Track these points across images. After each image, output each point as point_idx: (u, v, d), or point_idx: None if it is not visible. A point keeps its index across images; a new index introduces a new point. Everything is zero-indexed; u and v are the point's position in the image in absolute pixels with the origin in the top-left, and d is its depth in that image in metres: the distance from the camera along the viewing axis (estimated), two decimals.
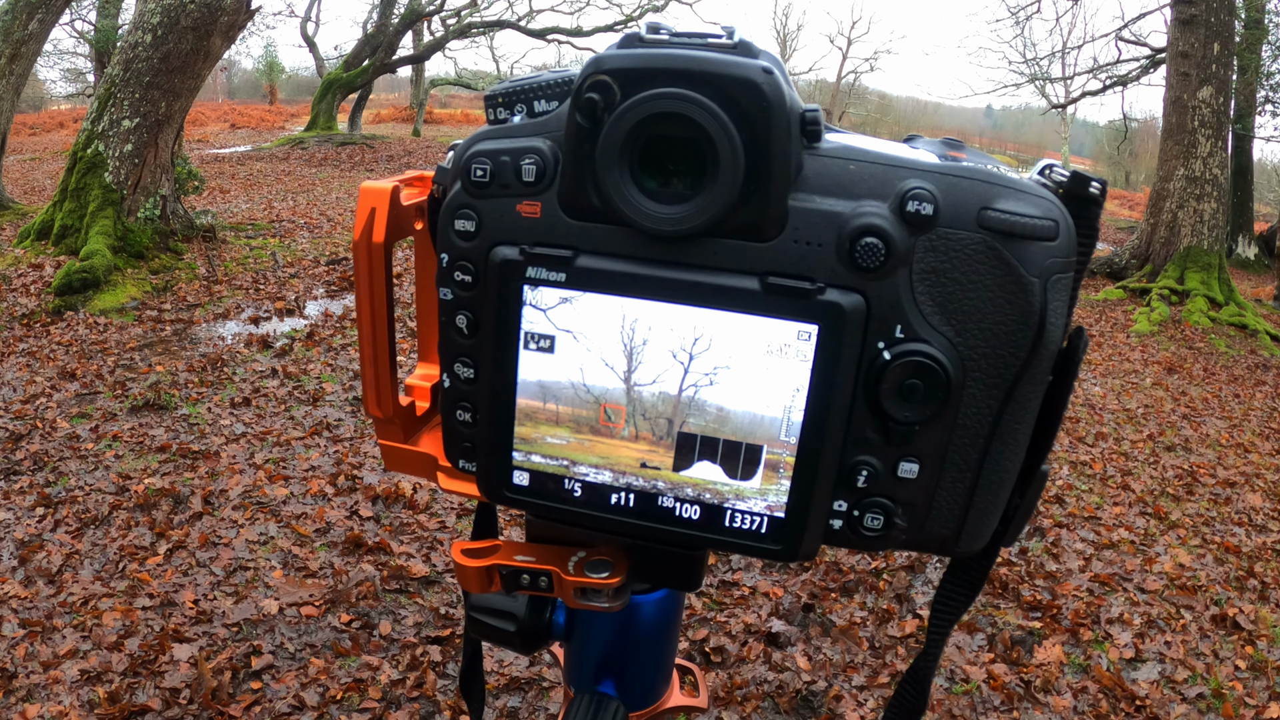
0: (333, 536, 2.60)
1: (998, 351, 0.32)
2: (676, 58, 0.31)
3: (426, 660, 2.08)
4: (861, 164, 0.32)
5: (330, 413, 3.51)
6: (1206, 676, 2.32)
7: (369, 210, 0.40)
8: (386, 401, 0.43)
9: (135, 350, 4.11)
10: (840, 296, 0.32)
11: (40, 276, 4.93)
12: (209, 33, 5.29)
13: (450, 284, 0.36)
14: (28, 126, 18.29)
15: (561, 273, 0.34)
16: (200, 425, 3.31)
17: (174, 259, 5.47)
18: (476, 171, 0.35)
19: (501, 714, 1.94)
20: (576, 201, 0.34)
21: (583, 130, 0.33)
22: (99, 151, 5.34)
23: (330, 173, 11.34)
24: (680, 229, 0.33)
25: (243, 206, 8.23)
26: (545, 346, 0.35)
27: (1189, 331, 6.89)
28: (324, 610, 2.25)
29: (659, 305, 0.34)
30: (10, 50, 6.89)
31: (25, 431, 3.14)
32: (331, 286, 5.45)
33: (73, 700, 1.85)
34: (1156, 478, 3.74)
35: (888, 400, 0.33)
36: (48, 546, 2.44)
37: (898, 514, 0.35)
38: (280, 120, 22.70)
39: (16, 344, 4.06)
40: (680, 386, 0.35)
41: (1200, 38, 7.98)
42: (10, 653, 1.98)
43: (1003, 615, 2.50)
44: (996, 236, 0.31)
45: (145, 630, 2.10)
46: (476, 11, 18.30)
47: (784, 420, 0.34)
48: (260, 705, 1.90)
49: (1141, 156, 25.32)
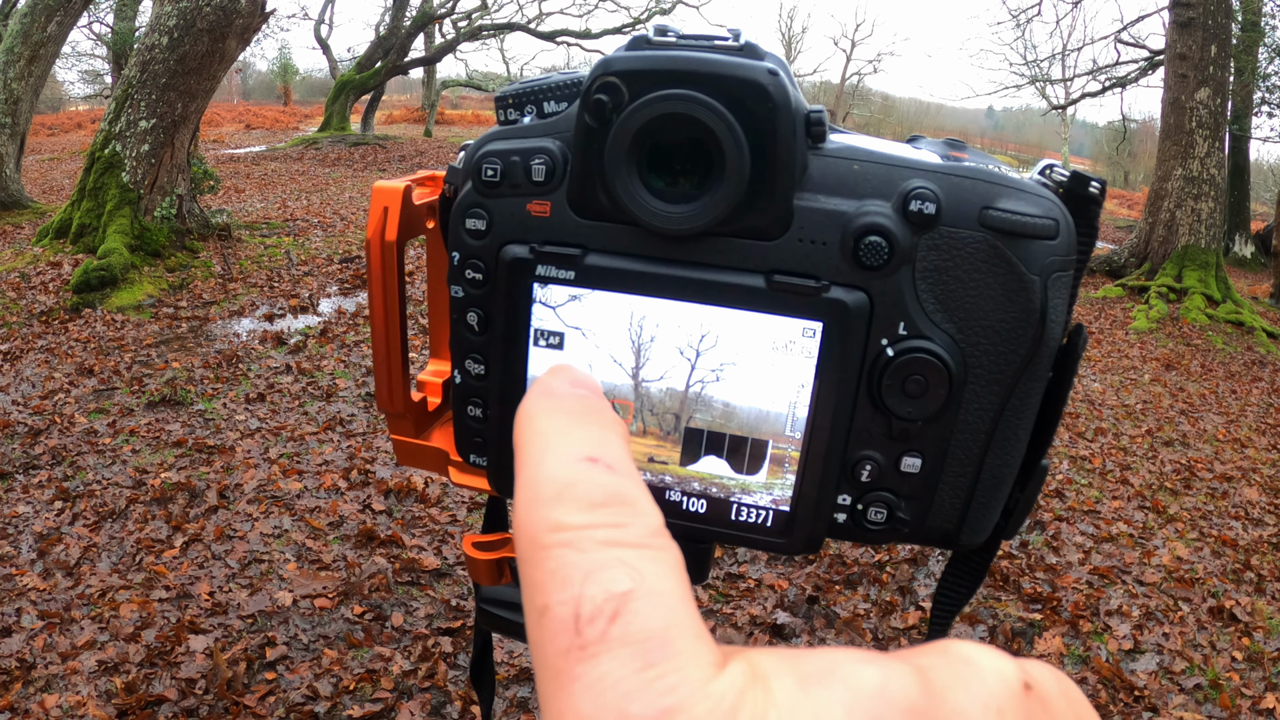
0: (346, 530, 2.63)
1: (999, 348, 0.32)
2: (683, 59, 0.32)
3: (438, 651, 2.10)
4: (865, 164, 0.33)
5: (343, 408, 3.54)
6: (1204, 667, 2.32)
7: (382, 209, 0.41)
8: (398, 397, 0.44)
9: (152, 347, 4.16)
10: (844, 294, 0.32)
11: (59, 274, 5.00)
12: (224, 35, 5.34)
13: (461, 282, 0.37)
14: (46, 127, 18.51)
15: (570, 271, 0.35)
16: (216, 420, 3.35)
17: (190, 257, 5.53)
18: (487, 171, 0.35)
19: (511, 704, 1.96)
20: (585, 201, 0.34)
21: (591, 131, 0.33)
22: (116, 152, 5.40)
23: (343, 172, 11.41)
24: (687, 228, 0.33)
25: (257, 206, 8.30)
26: (554, 343, 0.36)
27: (1187, 329, 6.88)
28: (337, 602, 2.27)
29: (666, 303, 0.34)
30: (29, 52, 6.97)
31: (44, 426, 3.19)
32: (344, 284, 5.49)
33: (90, 690, 1.88)
34: (1155, 472, 3.73)
35: (891, 396, 0.33)
36: (66, 539, 2.48)
37: (901, 508, 0.35)
38: (294, 121, 22.85)
39: (35, 340, 4.12)
40: (687, 383, 0.35)
41: (1198, 40, 7.97)
42: (29, 644, 2.02)
43: (1004, 607, 2.51)
44: (998, 235, 0.31)
45: (162, 622, 2.13)
46: (487, 14, 18.38)
47: (789, 416, 0.34)
48: (274, 695, 1.92)
49: (1140, 157, 25.23)
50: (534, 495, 0.16)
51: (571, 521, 0.15)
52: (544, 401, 0.18)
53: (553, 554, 0.15)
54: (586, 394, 0.19)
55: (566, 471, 0.16)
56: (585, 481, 0.16)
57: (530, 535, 0.16)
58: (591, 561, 0.15)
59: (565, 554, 0.15)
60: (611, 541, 0.15)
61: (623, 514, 0.16)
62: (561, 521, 0.15)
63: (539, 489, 0.16)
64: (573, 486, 0.16)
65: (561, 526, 0.15)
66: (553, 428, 0.18)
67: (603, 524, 0.15)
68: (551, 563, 0.15)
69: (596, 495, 0.16)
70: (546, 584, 0.15)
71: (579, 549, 0.15)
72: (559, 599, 0.15)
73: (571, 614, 0.14)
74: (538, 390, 0.19)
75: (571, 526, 0.15)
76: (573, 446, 0.17)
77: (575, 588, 0.15)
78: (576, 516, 0.16)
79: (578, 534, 0.15)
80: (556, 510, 0.16)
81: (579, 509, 0.16)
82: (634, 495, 0.16)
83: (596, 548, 0.15)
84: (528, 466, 0.17)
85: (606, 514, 0.16)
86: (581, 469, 0.16)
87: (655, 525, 0.16)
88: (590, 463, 0.16)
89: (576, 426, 0.18)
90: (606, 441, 0.17)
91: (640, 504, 0.16)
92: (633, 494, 0.16)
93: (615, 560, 0.15)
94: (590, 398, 0.19)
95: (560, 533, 0.15)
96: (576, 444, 0.17)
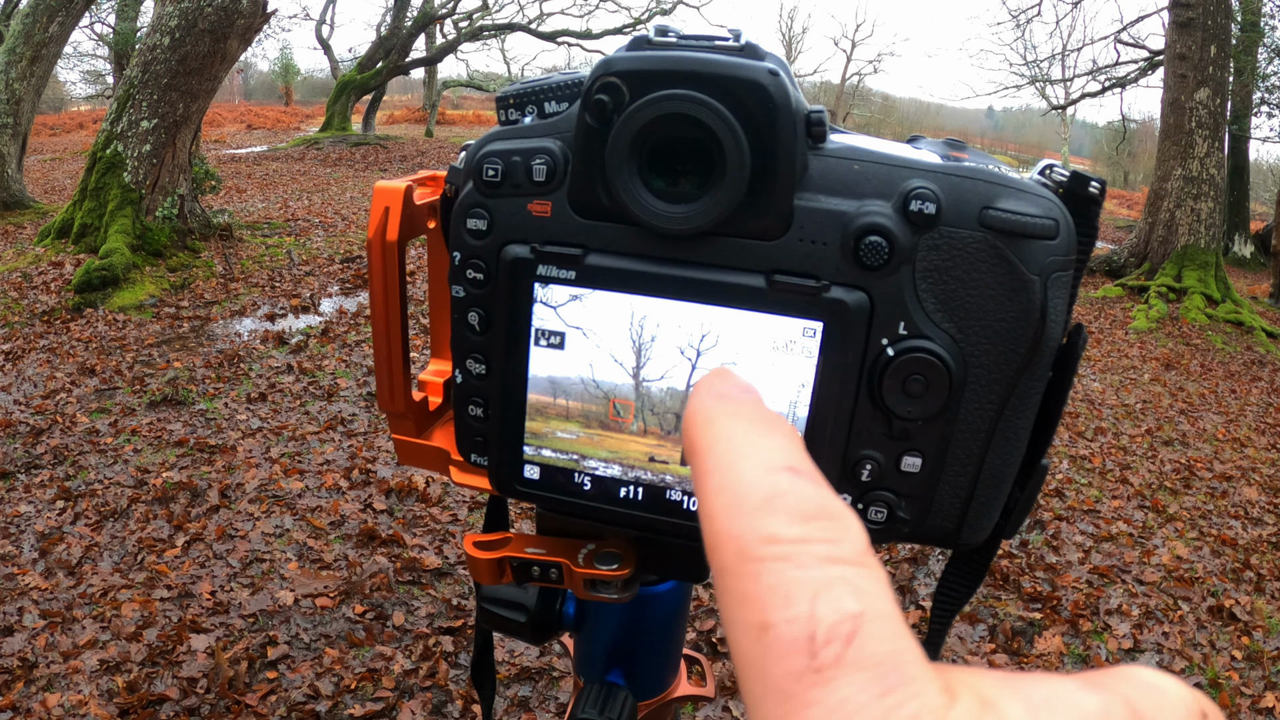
0: (347, 529, 2.63)
1: (999, 348, 0.32)
2: (684, 60, 0.32)
3: (439, 650, 2.10)
4: (865, 164, 0.33)
5: (345, 408, 3.55)
6: (1203, 666, 2.32)
7: (383, 209, 0.41)
8: (400, 397, 0.44)
9: (153, 346, 4.16)
10: (845, 294, 0.32)
11: (60, 274, 5.00)
12: (226, 35, 5.34)
13: (462, 281, 0.37)
14: (48, 127, 18.53)
15: (571, 271, 0.35)
16: (217, 420, 3.35)
17: (191, 257, 5.53)
18: (488, 171, 0.35)
19: (513, 703, 1.96)
20: (586, 201, 0.34)
21: (592, 131, 0.33)
22: (118, 152, 5.41)
23: (344, 172, 11.42)
24: (688, 228, 0.33)
25: (259, 206, 8.30)
26: (555, 343, 0.36)
27: (1186, 328, 6.89)
28: (338, 601, 2.27)
29: (667, 302, 0.34)
30: (31, 52, 6.98)
31: (46, 426, 3.20)
32: (346, 284, 5.49)
33: (92, 689, 1.89)
34: (1154, 472, 3.73)
35: (891, 396, 0.33)
36: (68, 539, 2.48)
37: (901, 507, 0.35)
38: (295, 121, 22.86)
39: (37, 340, 4.13)
40: (688, 382, 0.35)
41: (1197, 40, 7.98)
42: (31, 643, 2.02)
43: (1004, 606, 2.51)
44: (998, 235, 0.31)
45: (163, 621, 2.13)
46: (488, 15, 18.38)
47: (789, 415, 0.35)
48: (276, 694, 1.93)
49: (1140, 157, 25.26)
50: (736, 502, 0.15)
51: (786, 534, 0.14)
52: (721, 404, 0.17)
53: (769, 567, 0.14)
54: (760, 399, 0.18)
55: (769, 481, 0.15)
56: (793, 492, 0.15)
57: (738, 546, 0.15)
58: (815, 579, 0.14)
59: (784, 568, 0.14)
60: (831, 558, 0.14)
61: (835, 529, 0.15)
62: (776, 534, 0.14)
63: (742, 496, 0.15)
64: (781, 497, 0.15)
65: (776, 539, 0.14)
66: (739, 432, 0.16)
67: (819, 538, 0.14)
68: (769, 577, 0.14)
69: (808, 507, 0.15)
70: (766, 599, 0.14)
71: (799, 564, 0.14)
72: (785, 617, 0.14)
73: (804, 634, 0.13)
74: (709, 392, 0.17)
75: (786, 540, 0.14)
76: (770, 454, 0.16)
77: (803, 606, 0.14)
78: (790, 529, 0.14)
79: (794, 547, 0.14)
80: (767, 520, 0.15)
81: (791, 520, 0.15)
82: (841, 510, 0.15)
83: (817, 564, 0.14)
84: (720, 472, 0.16)
85: (820, 528, 0.15)
86: (785, 479, 0.15)
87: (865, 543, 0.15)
88: (793, 473, 0.15)
89: (764, 434, 0.16)
90: (798, 452, 0.16)
91: (848, 520, 0.15)
92: (839, 509, 0.15)
93: (839, 578, 0.14)
94: (764, 404, 0.17)
95: (776, 545, 0.14)
96: (772, 451, 0.16)
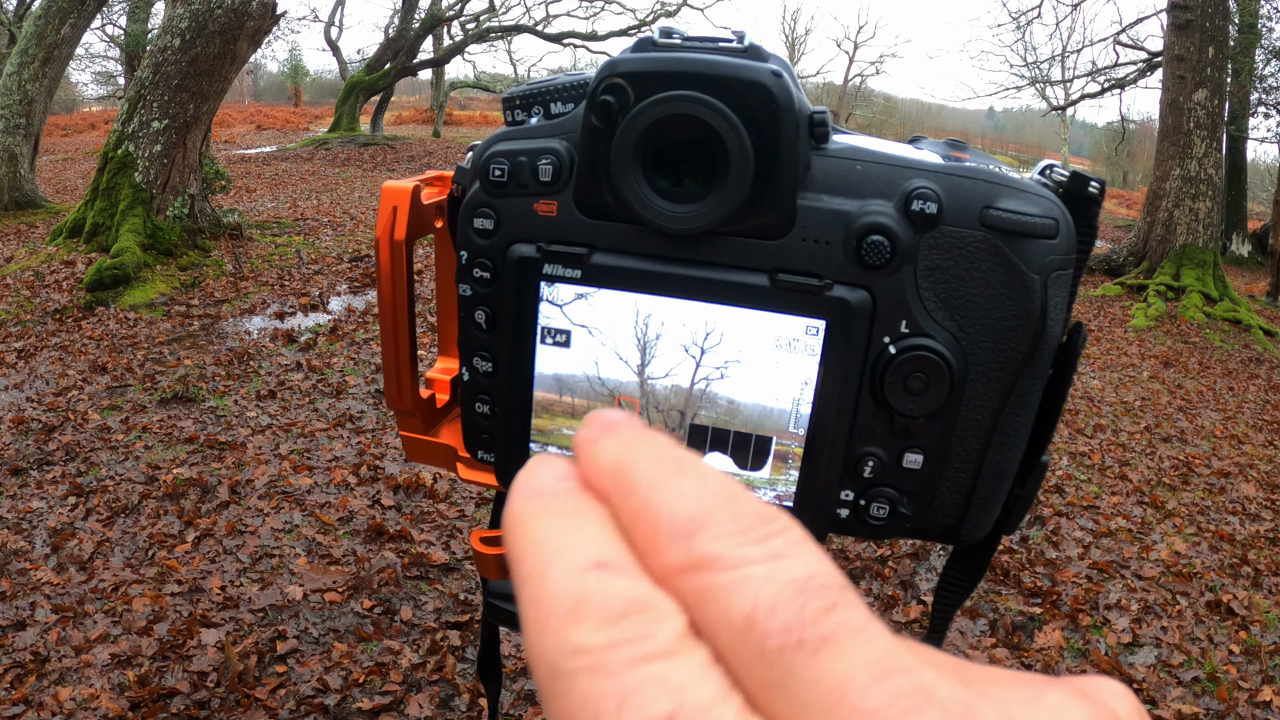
0: (355, 525, 2.65)
1: (1000, 346, 0.33)
2: (688, 61, 0.32)
3: (446, 645, 2.12)
4: (868, 164, 0.33)
5: (353, 405, 3.56)
6: (1201, 661, 2.32)
7: (391, 209, 0.41)
8: (407, 394, 0.45)
9: (164, 344, 4.19)
10: (847, 293, 0.33)
11: (72, 273, 5.05)
12: (236, 37, 5.37)
13: (469, 280, 0.37)
14: (60, 128, 18.67)
15: (577, 270, 0.35)
16: (227, 417, 3.37)
17: (202, 256, 5.57)
18: (495, 171, 0.36)
19: (519, 696, 1.97)
20: (592, 200, 0.35)
21: (598, 131, 0.33)
22: (129, 152, 5.45)
23: (353, 172, 11.46)
24: (692, 227, 0.33)
25: (268, 205, 8.35)
26: (561, 341, 0.36)
27: (1185, 326, 6.89)
28: (347, 596, 2.29)
29: (672, 301, 0.35)
30: (43, 54, 7.04)
31: (58, 423, 3.23)
32: (354, 283, 5.52)
33: (103, 683, 1.91)
34: (1153, 468, 3.73)
35: (893, 393, 0.33)
36: (79, 534, 2.51)
37: (903, 503, 0.35)
38: (304, 122, 22.96)
39: (49, 338, 4.17)
40: (692, 380, 0.36)
41: (1195, 42, 7.97)
42: (43, 637, 2.04)
43: (1004, 601, 2.51)
44: (999, 234, 0.32)
45: (174, 615, 2.15)
46: (495, 16, 18.42)
47: (792, 413, 0.35)
48: (285, 688, 1.94)
49: (1139, 157, 25.15)
50: (544, 616, 0.14)
51: (593, 642, 0.14)
52: (533, 503, 0.16)
53: (578, 683, 0.14)
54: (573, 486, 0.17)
55: (577, 584, 0.14)
56: (599, 593, 0.14)
57: (548, 664, 0.14)
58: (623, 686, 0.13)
59: (591, 681, 0.13)
60: (640, 658, 0.14)
61: (645, 623, 0.14)
62: (582, 644, 0.14)
63: (550, 608, 0.14)
64: (586, 602, 0.14)
65: (582, 649, 0.14)
66: (548, 533, 0.16)
67: (626, 639, 0.14)
68: (577, 693, 0.13)
69: (615, 607, 0.14)
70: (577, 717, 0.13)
71: (605, 673, 0.13)
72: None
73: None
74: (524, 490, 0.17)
75: (593, 649, 0.14)
76: (577, 552, 0.15)
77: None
78: (597, 636, 0.14)
79: (602, 655, 0.14)
80: (574, 631, 0.14)
81: (598, 626, 0.14)
82: (650, 597, 0.14)
83: (625, 668, 0.13)
84: (530, 582, 0.15)
85: (628, 627, 0.14)
86: (593, 580, 0.14)
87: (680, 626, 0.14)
88: (600, 570, 0.15)
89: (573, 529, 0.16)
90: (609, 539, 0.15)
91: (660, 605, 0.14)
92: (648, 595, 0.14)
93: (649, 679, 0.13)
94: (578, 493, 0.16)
95: (583, 656, 0.14)
96: (581, 548, 0.15)
